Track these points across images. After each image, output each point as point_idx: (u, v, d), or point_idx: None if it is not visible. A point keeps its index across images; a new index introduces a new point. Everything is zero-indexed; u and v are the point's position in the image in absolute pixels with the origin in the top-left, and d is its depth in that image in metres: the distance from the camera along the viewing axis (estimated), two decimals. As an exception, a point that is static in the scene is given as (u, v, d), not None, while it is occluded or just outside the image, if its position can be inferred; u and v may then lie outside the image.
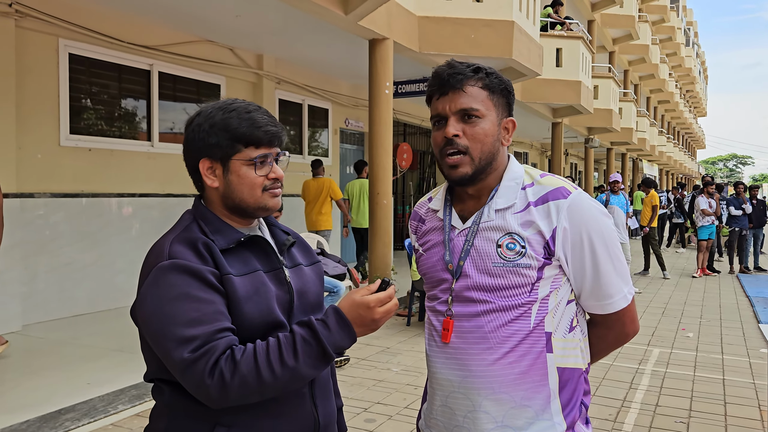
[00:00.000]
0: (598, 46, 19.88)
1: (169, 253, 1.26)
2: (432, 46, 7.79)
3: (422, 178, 15.15)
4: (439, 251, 1.45)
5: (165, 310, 1.21)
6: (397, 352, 5.56)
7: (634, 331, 1.45)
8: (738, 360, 5.57)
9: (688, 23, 40.25)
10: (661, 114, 36.11)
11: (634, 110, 21.07)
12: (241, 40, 8.15)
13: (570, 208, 1.34)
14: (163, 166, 7.54)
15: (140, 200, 7.24)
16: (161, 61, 7.46)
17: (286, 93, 9.60)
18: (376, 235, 7.18)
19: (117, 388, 4.21)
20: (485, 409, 1.34)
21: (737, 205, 12.01)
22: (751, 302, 8.62)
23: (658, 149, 29.21)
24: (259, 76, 8.89)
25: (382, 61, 7.04)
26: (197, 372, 1.18)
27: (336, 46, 8.22)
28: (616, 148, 23.02)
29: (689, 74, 39.92)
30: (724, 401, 4.45)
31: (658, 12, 27.04)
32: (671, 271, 11.97)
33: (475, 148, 1.36)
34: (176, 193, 7.70)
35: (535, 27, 9.31)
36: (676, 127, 43.31)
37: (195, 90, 8.08)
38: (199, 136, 1.34)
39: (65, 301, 6.36)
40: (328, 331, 1.24)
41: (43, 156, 6.19)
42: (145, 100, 7.40)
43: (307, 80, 9.89)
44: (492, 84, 1.39)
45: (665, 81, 29.99)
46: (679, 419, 4.09)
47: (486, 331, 1.35)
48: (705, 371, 5.18)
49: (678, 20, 32.23)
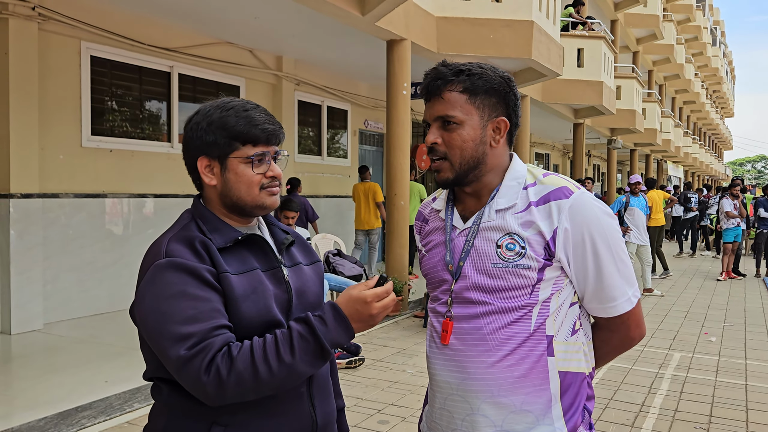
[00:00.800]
0: (621, 46, 19.63)
1: (166, 252, 1.26)
2: (450, 47, 7.76)
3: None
4: (440, 251, 1.44)
5: (162, 307, 1.21)
6: (413, 354, 5.53)
7: (639, 335, 1.41)
8: (762, 365, 5.44)
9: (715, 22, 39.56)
10: (687, 115, 35.54)
11: (658, 111, 20.77)
12: (261, 42, 8.20)
13: (572, 208, 1.31)
14: (183, 167, 7.58)
15: (160, 200, 7.32)
16: (181, 62, 7.54)
17: (305, 94, 9.64)
18: (393, 237, 7.17)
19: (133, 387, 4.25)
20: (484, 412, 1.32)
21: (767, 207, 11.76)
22: (778, 306, 8.43)
23: (683, 150, 28.76)
24: (278, 77, 8.93)
25: (400, 61, 7.03)
26: (193, 369, 1.17)
27: (354, 48, 8.23)
28: (640, 149, 22.71)
29: (716, 74, 39.24)
30: (746, 407, 4.35)
31: (683, 11, 26.63)
32: (695, 274, 11.76)
33: (454, 155, 1.36)
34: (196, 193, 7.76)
35: (555, 27, 9.22)
36: (702, 128, 42.60)
37: (214, 91, 8.15)
38: (197, 134, 1.34)
39: (86, 300, 6.45)
40: (325, 327, 1.23)
41: (65, 157, 6.29)
42: (165, 102, 7.48)
43: (326, 81, 9.92)
44: (474, 86, 1.35)
45: (691, 81, 29.50)
46: (699, 425, 4.00)
47: (485, 333, 1.32)
48: (727, 376, 5.07)
49: (704, 20, 31.70)
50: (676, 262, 11.44)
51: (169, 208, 7.41)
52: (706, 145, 42.61)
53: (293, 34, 7.69)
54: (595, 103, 12.35)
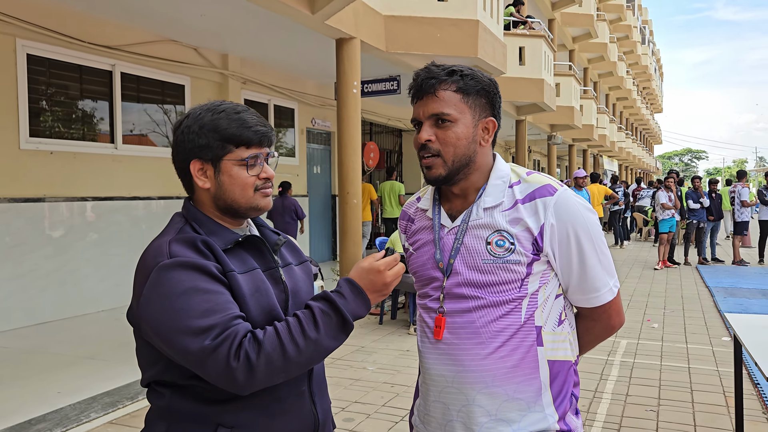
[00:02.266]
0: (558, 45, 20.21)
1: (170, 252, 1.25)
2: (398, 46, 7.82)
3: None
4: (429, 250, 1.47)
5: (176, 305, 1.20)
6: (372, 351, 5.57)
7: (619, 323, 1.49)
8: (702, 348, 5.75)
9: (644, 22, 41.21)
10: (620, 111, 36.93)
11: (594, 107, 21.50)
12: (206, 40, 8.05)
13: (557, 205, 1.37)
14: (129, 168, 7.40)
15: (105, 204, 7.09)
16: (124, 61, 7.32)
17: (252, 93, 9.52)
18: (347, 235, 7.18)
19: (89, 396, 4.13)
20: (479, 402, 1.37)
21: (695, 199, 12.37)
22: (711, 292, 8.89)
23: (617, 145, 29.87)
24: (224, 76, 8.79)
25: (350, 60, 7.04)
26: (221, 357, 1.17)
27: (302, 46, 8.19)
28: (578, 144, 23.46)
29: (645, 71, 40.90)
30: (690, 389, 4.59)
31: (615, 11, 27.64)
32: (633, 264, 12.27)
33: (448, 152, 1.39)
34: (142, 196, 7.57)
35: (498, 26, 9.43)
36: (634, 124, 44.34)
37: (159, 91, 7.95)
38: (188, 137, 1.34)
39: (30, 309, 6.20)
40: (344, 300, 1.28)
41: (2, 160, 6.02)
42: (108, 101, 7.24)
43: (272, 80, 9.82)
44: (467, 86, 1.40)
45: (623, 78, 30.68)
46: (650, 408, 4.20)
47: (478, 326, 1.37)
48: (671, 360, 5.33)
49: (634, 19, 32.97)
50: (614, 253, 11.91)
51: (114, 212, 7.20)
52: (638, 140, 44.38)
53: (240, 32, 7.59)
54: (537, 100, 12.69)
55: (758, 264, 12.16)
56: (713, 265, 12.26)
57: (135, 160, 7.49)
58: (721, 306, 7.78)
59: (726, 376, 4.88)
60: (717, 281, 9.98)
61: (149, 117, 7.82)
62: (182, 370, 1.26)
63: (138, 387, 4.33)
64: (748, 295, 8.64)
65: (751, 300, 8.22)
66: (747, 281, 9.98)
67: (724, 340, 6.08)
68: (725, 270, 11.50)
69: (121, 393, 4.23)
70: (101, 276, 7.00)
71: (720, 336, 6.23)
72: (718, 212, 12.65)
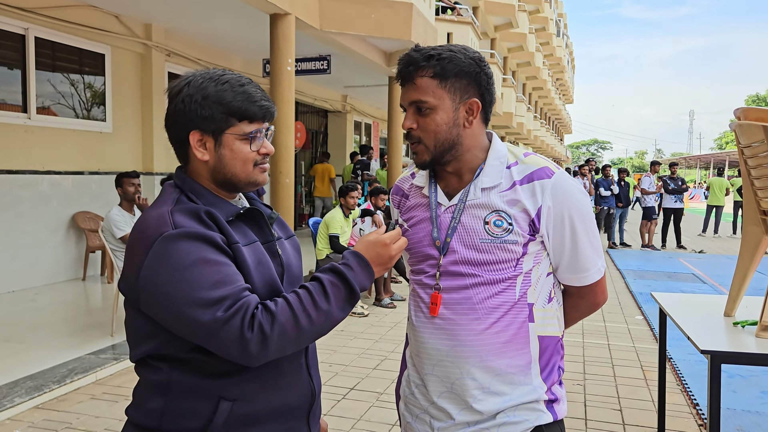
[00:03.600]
0: (481, 32, 20.62)
1: (174, 223, 1.21)
2: (333, 24, 7.73)
3: (314, 157, 15.05)
4: (425, 227, 1.49)
5: (184, 276, 1.16)
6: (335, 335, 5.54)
7: (603, 300, 1.56)
8: (619, 327, 6.12)
9: (559, 15, 42.68)
10: (535, 100, 38.21)
11: (514, 96, 22.14)
12: (128, 8, 7.63)
13: (554, 187, 1.41)
14: (43, 140, 6.95)
15: (16, 177, 6.63)
16: (38, 25, 6.82)
17: (176, 66, 9.13)
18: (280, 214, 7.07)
19: (10, 380, 3.89)
20: (473, 375, 1.41)
21: (606, 186, 13.06)
22: (622, 275, 9.46)
23: (533, 134, 30.95)
24: (147, 47, 8.38)
25: (284, 37, 6.88)
26: (233, 328, 1.16)
27: (231, 20, 7.93)
28: (497, 131, 24.11)
29: (559, 63, 42.45)
30: (611, 364, 4.89)
31: (533, 2, 28.42)
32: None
33: (428, 138, 1.41)
34: (58, 170, 7.14)
35: (430, 10, 9.51)
36: (548, 113, 46.05)
37: (77, 59, 7.49)
38: (190, 107, 1.28)
39: (-69, 289, 5.73)
40: (352, 272, 1.29)
41: None
42: (20, 69, 6.75)
43: (198, 53, 9.46)
44: (444, 70, 1.38)
45: (539, 69, 31.70)
46: (576, 382, 4.44)
47: (474, 302, 1.41)
48: (592, 338, 5.65)
49: (551, 11, 34.07)
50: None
51: (27, 186, 6.75)
52: (551, 129, 46.17)
53: (167, 0, 7.24)
54: (463, 86, 12.91)
55: (661, 248, 13.03)
56: (621, 249, 13.02)
57: (49, 132, 7.04)
58: (632, 287, 8.29)
59: (642, 351, 5.23)
60: (626, 264, 10.62)
61: (66, 87, 7.35)
62: (183, 343, 1.23)
63: (65, 370, 4.12)
64: (654, 277, 9.25)
65: (657, 281, 8.82)
66: (652, 265, 10.68)
67: (637, 318, 6.50)
68: (633, 254, 12.24)
69: (45, 377, 4.01)
70: (11, 255, 6.56)
71: (633, 315, 6.66)
72: (627, 199, 13.42)
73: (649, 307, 6.90)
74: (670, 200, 12.88)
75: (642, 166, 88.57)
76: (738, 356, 2.42)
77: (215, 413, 1.24)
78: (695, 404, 4.01)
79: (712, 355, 2.39)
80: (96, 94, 7.80)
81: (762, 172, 2.65)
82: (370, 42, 9.08)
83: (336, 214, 6.75)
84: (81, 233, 7.46)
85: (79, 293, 6.78)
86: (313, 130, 15.02)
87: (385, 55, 9.93)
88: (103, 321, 5.41)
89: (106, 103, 7.92)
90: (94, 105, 7.79)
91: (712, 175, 38.06)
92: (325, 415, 3.70)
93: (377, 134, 17.80)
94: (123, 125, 8.18)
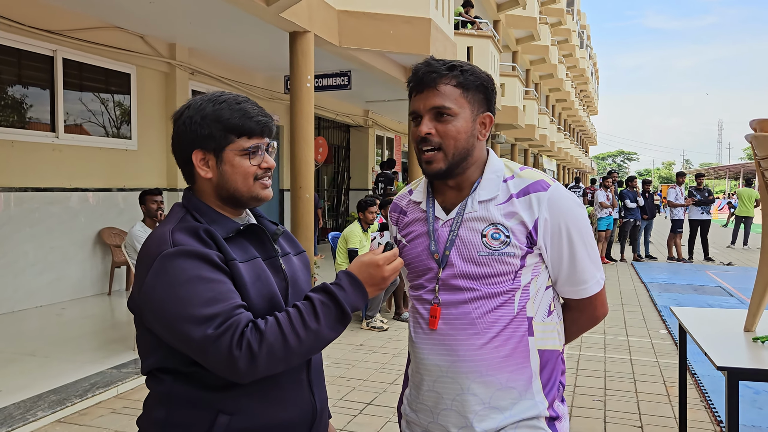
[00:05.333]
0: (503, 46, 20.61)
1: (173, 241, 1.26)
2: (352, 41, 7.81)
3: (336, 172, 15.16)
4: (423, 242, 1.50)
5: (179, 293, 1.21)
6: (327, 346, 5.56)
7: (603, 313, 1.55)
8: (641, 341, 6.02)
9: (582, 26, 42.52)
10: (559, 112, 37.97)
11: (536, 108, 22.04)
12: (153, 28, 7.82)
13: (550, 200, 1.42)
14: (70, 158, 7.12)
15: (45, 195, 6.80)
16: (66, 47, 7.02)
17: (200, 84, 9.31)
18: (299, 229, 7.12)
19: (34, 394, 3.97)
20: (473, 391, 1.41)
21: (632, 198, 12.90)
22: (647, 288, 9.31)
23: (557, 145, 30.74)
24: (171, 66, 8.56)
25: (304, 54, 6.98)
26: (223, 346, 1.19)
27: (253, 38, 8.07)
28: (520, 144, 24.00)
29: (583, 75, 42.21)
30: (633, 379, 4.81)
31: (556, 15, 28.39)
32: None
33: (448, 145, 1.42)
34: (85, 187, 7.30)
35: (449, 25, 9.55)
36: (572, 125, 45.73)
37: (104, 79, 7.68)
38: (190, 128, 1.35)
39: (-38, 304, 5.89)
40: (343, 293, 1.30)
41: (-66, 147, 5.68)
42: (49, 88, 6.94)
43: (221, 71, 9.63)
44: (467, 81, 1.43)
45: (563, 81, 31.58)
46: (597, 398, 4.37)
47: (473, 317, 1.41)
48: (614, 352, 5.57)
49: (573, 23, 33.97)
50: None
51: (56, 203, 6.92)
52: (575, 141, 45.81)
53: (190, 21, 7.40)
54: (484, 99, 12.89)
55: (689, 260, 12.79)
56: (647, 262, 12.82)
57: (77, 150, 7.22)
58: (657, 301, 8.15)
59: (665, 367, 5.14)
60: (651, 277, 10.45)
61: (93, 106, 7.53)
62: (184, 357, 1.27)
63: (87, 384, 4.19)
64: (680, 290, 9.09)
65: (683, 295, 8.66)
66: (678, 277, 10.49)
67: (661, 333, 6.39)
68: (658, 266, 12.04)
69: (68, 391, 4.08)
70: (39, 270, 6.71)
71: (657, 329, 6.54)
72: (652, 211, 13.23)
73: (673, 320, 6.78)
74: (697, 212, 12.67)
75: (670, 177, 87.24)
76: (756, 373, 2.38)
77: (213, 426, 1.27)
78: (719, 421, 3.93)
79: (729, 372, 2.35)
80: (122, 112, 7.98)
81: (779, 184, 2.61)
82: (389, 57, 9.15)
83: (355, 229, 6.78)
84: (107, 249, 7.60)
85: (104, 308, 6.90)
86: (336, 144, 15.13)
87: (404, 69, 9.99)
88: (126, 335, 5.49)
89: (131, 122, 8.09)
90: (120, 123, 7.97)
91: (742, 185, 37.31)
92: (341, 430, 3.71)
93: (399, 148, 17.86)
94: (148, 143, 8.35)
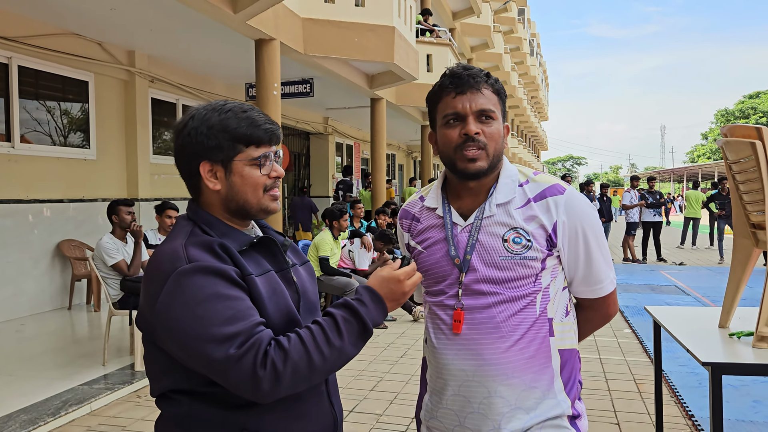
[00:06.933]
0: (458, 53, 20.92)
1: (188, 257, 1.21)
2: (317, 48, 7.82)
3: (297, 179, 15.08)
4: (442, 247, 1.52)
5: (197, 312, 1.16)
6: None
7: (615, 311, 1.62)
8: (608, 340, 6.19)
9: (532, 35, 43.51)
10: (512, 118, 38.72)
11: (491, 114, 22.43)
12: (111, 35, 7.64)
13: (567, 203, 1.47)
14: (27, 169, 6.88)
15: (0, 207, 6.55)
16: (21, 54, 6.80)
17: (160, 92, 9.14)
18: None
19: (3, 414, 3.82)
20: (500, 394, 1.43)
21: (588, 202, 13.25)
22: (607, 288, 9.56)
23: (511, 151, 31.33)
24: (131, 73, 8.38)
25: (270, 61, 6.95)
26: (246, 366, 1.15)
27: (216, 46, 7.98)
28: (476, 149, 24.35)
29: (534, 81, 43.21)
30: (605, 377, 4.94)
31: (507, 23, 29.01)
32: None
33: (491, 145, 1.47)
34: (42, 198, 7.07)
35: (411, 33, 9.66)
36: (524, 131, 46.67)
37: (61, 87, 7.46)
38: (196, 139, 1.29)
39: None
40: (365, 308, 1.28)
41: None
42: (4, 97, 6.70)
43: (181, 79, 9.48)
44: (500, 90, 1.51)
45: (515, 87, 32.21)
46: (572, 397, 4.47)
47: (498, 321, 1.44)
48: (584, 352, 5.70)
49: (524, 31, 34.75)
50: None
51: (11, 215, 6.67)
52: (528, 146, 46.77)
53: (151, 28, 7.27)
54: (443, 106, 13.05)
55: (643, 261, 13.22)
56: (604, 264, 13.16)
57: (33, 160, 6.98)
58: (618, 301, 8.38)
59: (633, 365, 5.29)
60: (610, 278, 10.74)
61: (50, 115, 7.31)
62: (202, 378, 1.22)
63: (59, 402, 4.06)
64: (639, 290, 9.38)
65: (642, 294, 8.94)
66: (635, 278, 10.82)
67: (626, 332, 6.58)
68: (615, 268, 12.36)
69: (39, 409, 3.94)
70: (-3, 285, 6.46)
71: (622, 329, 6.73)
72: (609, 214, 13.63)
73: (636, 320, 7.00)
74: (649, 214, 13.12)
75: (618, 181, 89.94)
76: (738, 367, 2.48)
77: None
78: (690, 416, 4.08)
79: (713, 367, 2.44)
80: (80, 121, 7.76)
81: (750, 186, 2.73)
82: (353, 65, 9.18)
83: (326, 237, 6.77)
84: (66, 261, 7.37)
85: (65, 322, 6.68)
86: (296, 152, 15.06)
87: (367, 77, 10.04)
88: (93, 350, 5.33)
89: (90, 130, 7.88)
90: (78, 132, 7.75)
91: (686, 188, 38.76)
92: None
93: (359, 155, 17.89)
94: (107, 152, 8.14)
